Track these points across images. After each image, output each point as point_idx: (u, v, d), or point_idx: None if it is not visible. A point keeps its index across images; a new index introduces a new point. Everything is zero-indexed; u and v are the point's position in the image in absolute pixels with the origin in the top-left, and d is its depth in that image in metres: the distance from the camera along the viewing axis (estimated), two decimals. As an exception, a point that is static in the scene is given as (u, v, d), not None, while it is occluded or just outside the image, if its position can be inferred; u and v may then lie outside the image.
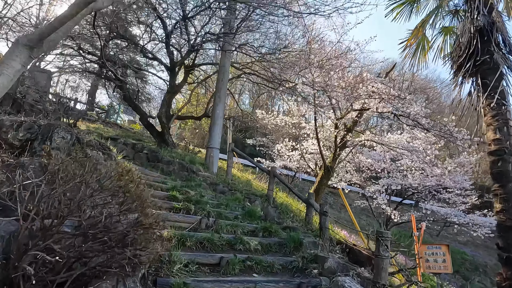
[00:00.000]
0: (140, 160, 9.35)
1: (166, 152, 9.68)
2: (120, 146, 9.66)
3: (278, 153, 19.76)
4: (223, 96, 10.70)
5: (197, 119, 12.06)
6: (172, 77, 10.47)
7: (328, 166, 13.55)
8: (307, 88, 14.15)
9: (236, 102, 13.89)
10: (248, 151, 36.42)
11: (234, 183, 8.74)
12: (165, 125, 10.15)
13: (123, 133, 11.07)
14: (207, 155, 10.07)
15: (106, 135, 10.08)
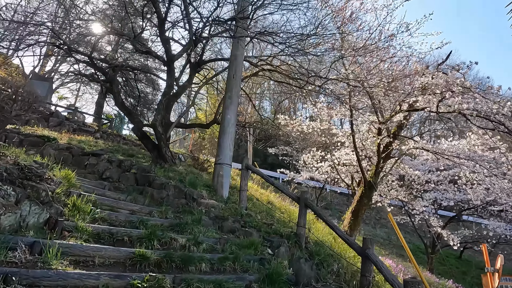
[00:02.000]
0: (127, 182, 7.08)
1: (162, 171, 7.37)
2: (103, 164, 7.44)
3: (305, 164, 17.20)
4: (235, 97, 8.33)
5: (205, 127, 9.76)
6: (169, 74, 8.22)
7: (369, 181, 10.84)
8: (340, 85, 11.63)
9: (253, 105, 11.51)
10: (270, 161, 33.93)
11: (249, 214, 6.28)
12: (162, 135, 7.88)
13: (114, 147, 8.92)
14: (214, 173, 7.68)
15: (89, 150, 7.91)
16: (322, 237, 6.44)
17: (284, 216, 8.15)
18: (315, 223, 8.53)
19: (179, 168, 8.06)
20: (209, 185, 7.50)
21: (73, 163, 7.78)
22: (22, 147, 8.04)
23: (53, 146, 8.09)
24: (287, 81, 10.96)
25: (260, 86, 18.52)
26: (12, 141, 8.07)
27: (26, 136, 8.27)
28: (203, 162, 10.36)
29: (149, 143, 8.32)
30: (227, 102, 8.24)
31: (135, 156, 8.43)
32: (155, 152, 8.27)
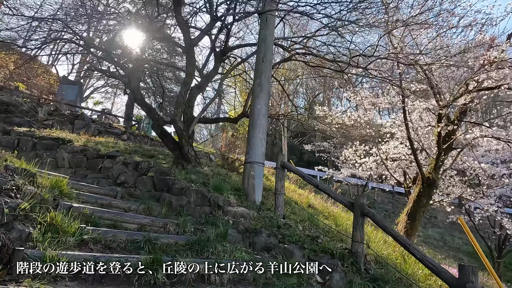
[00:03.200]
0: (144, 187, 6.07)
1: (183, 174, 6.30)
2: (118, 167, 6.50)
3: (346, 160, 15.61)
4: (265, 84, 7.07)
5: (233, 122, 8.60)
6: (189, 61, 7.14)
7: (428, 177, 9.15)
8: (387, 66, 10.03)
9: (287, 95, 10.14)
10: (306, 159, 32.24)
11: (288, 225, 5.00)
12: (183, 132, 6.82)
13: (133, 148, 8.02)
14: (244, 174, 6.48)
15: (104, 152, 7.03)
16: (386, 253, 5.02)
17: (330, 223, 6.79)
18: (373, 231, 7.13)
19: (204, 169, 6.95)
20: (239, 188, 6.31)
21: (87, 167, 6.94)
22: (35, 150, 7.35)
23: (67, 148, 7.32)
24: (324, 65, 9.53)
25: (293, 73, 17.08)
26: (25, 144, 7.40)
27: (40, 139, 7.57)
28: (233, 161, 9.21)
29: (170, 142, 7.30)
30: (257, 90, 7.00)
31: (155, 157, 7.45)
32: (176, 151, 7.23)
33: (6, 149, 7.23)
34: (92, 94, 29.19)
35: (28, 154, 7.19)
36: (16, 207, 2.66)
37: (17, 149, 7.34)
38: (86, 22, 9.90)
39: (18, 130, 7.80)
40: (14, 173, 3.21)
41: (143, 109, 8.20)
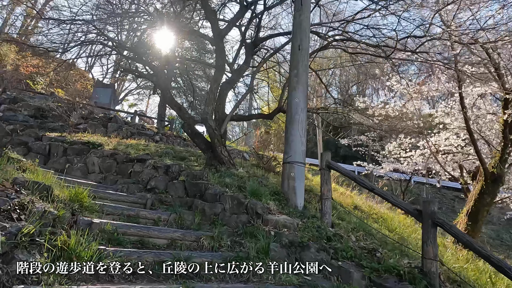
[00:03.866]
0: (175, 193, 5.60)
1: (216, 177, 5.75)
2: (148, 171, 6.09)
3: (389, 154, 14.49)
4: (303, 74, 6.35)
5: (267, 118, 7.95)
6: (218, 53, 6.58)
7: (492, 172, 8.01)
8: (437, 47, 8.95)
9: (324, 86, 9.26)
10: (342, 153, 30.89)
11: (338, 235, 4.28)
12: (215, 131, 6.28)
13: (165, 150, 7.61)
14: (284, 176, 5.82)
15: (134, 156, 6.66)
16: (458, 267, 4.17)
17: (381, 228, 5.98)
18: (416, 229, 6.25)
19: (239, 171, 6.37)
20: (278, 192, 5.66)
21: (117, 171, 6.61)
22: (66, 156, 7.15)
23: (97, 153, 7.04)
24: (365, 51, 8.62)
25: (329, 63, 16.13)
26: (56, 150, 7.22)
27: (71, 144, 7.37)
28: (269, 160, 8.58)
29: (201, 142, 6.79)
30: (293, 82, 6.30)
31: (187, 159, 6.98)
32: (208, 152, 6.72)
33: (38, 155, 7.09)
34: (126, 96, 29.80)
35: (59, 160, 6.99)
36: (18, 232, 2.19)
37: (48, 155, 7.18)
38: (115, 23, 9.67)
39: (49, 136, 7.67)
40: (22, 188, 2.78)
41: (173, 109, 7.77)
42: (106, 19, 9.42)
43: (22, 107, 10.95)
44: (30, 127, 9.62)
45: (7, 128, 9.30)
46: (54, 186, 3.41)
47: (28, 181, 2.91)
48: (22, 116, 10.32)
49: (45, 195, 2.97)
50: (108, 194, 4.71)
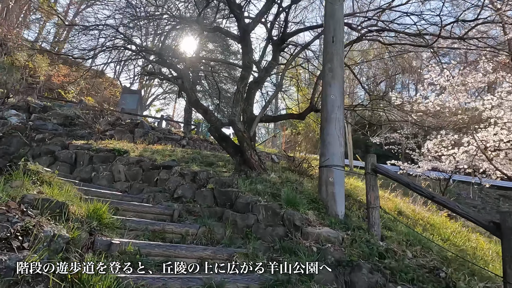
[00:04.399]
0: (203, 202, 5.19)
1: (247, 184, 5.30)
2: (174, 179, 5.73)
3: (429, 152, 13.51)
4: (338, 69, 5.77)
5: (298, 118, 7.40)
6: (245, 50, 6.14)
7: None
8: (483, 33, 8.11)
9: (358, 81, 8.56)
10: (372, 152, 29.72)
11: (391, 251, 3.68)
12: (243, 134, 5.82)
13: (192, 155, 7.26)
14: (321, 181, 5.26)
15: (160, 162, 6.34)
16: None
17: (433, 237, 5.27)
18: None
19: (271, 176, 5.87)
20: (315, 199, 5.11)
21: (143, 179, 6.30)
22: (92, 164, 6.95)
23: (123, 160, 6.79)
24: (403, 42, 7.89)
25: (361, 56, 15.30)
26: (82, 158, 7.04)
27: (97, 151, 7.17)
28: (300, 163, 8.02)
29: (229, 146, 6.36)
30: (328, 77, 5.74)
31: (215, 164, 6.57)
32: (237, 157, 6.27)
33: (64, 164, 6.93)
34: (153, 101, 30.15)
35: (85, 168, 6.80)
36: (14, 266, 1.81)
37: (74, 163, 7.02)
38: (138, 26, 9.51)
39: (75, 144, 7.54)
40: (30, 207, 2.43)
41: (199, 112, 7.42)
42: (129, 23, 9.27)
43: (51, 115, 11.04)
44: (59, 135, 9.61)
45: (37, 137, 9.32)
46: (72, 201, 3.07)
47: (38, 199, 2.56)
48: (51, 124, 10.37)
49: (58, 214, 2.61)
50: (132, 206, 4.36)
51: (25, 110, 10.87)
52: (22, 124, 9.89)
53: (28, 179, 3.39)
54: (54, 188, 3.14)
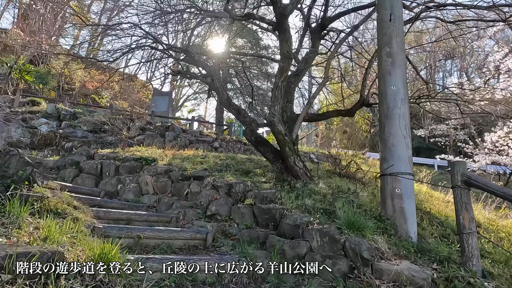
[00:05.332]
0: (241, 221, 4.36)
1: (292, 197, 4.40)
2: (207, 192, 4.95)
3: (493, 145, 11.94)
4: (399, 53, 4.70)
5: (347, 115, 6.35)
6: (282, 38, 5.23)
7: None
8: None
9: (415, 68, 7.26)
10: (414, 145, 27.44)
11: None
12: (285, 137, 4.91)
13: (226, 161, 6.46)
14: (384, 193, 4.23)
15: (190, 172, 5.61)
16: None
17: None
18: None
19: (320, 187, 4.92)
20: (378, 216, 4.10)
21: (172, 192, 5.60)
22: (118, 175, 6.35)
23: (151, 170, 6.13)
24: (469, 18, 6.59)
25: (417, 39, 13.82)
26: (107, 169, 6.47)
27: (123, 161, 6.58)
28: (348, 165, 6.96)
29: (268, 151, 5.48)
30: (386, 64, 4.68)
31: (252, 172, 5.71)
32: (278, 163, 5.38)
33: (89, 176, 6.39)
34: (185, 102, 29.99)
35: (110, 180, 6.21)
36: None
37: (100, 175, 6.46)
38: (163, 22, 8.87)
39: (101, 153, 7.01)
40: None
41: (231, 112, 6.60)
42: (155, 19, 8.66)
43: (82, 122, 10.76)
44: (88, 143, 9.23)
45: (66, 146, 8.99)
46: (74, 240, 2.33)
47: (13, 254, 1.81)
48: (81, 132, 10.06)
49: (46, 266, 1.85)
50: (157, 232, 3.61)
51: (55, 118, 10.66)
52: (52, 133, 9.63)
53: (27, 210, 2.71)
54: (50, 230, 2.39)
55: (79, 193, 5.43)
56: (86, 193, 5.53)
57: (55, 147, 9.06)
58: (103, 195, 5.71)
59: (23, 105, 12.10)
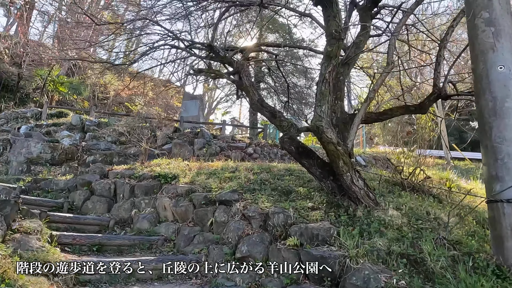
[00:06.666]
0: (286, 272, 3.08)
1: (356, 238, 3.05)
2: (235, 225, 3.74)
3: None
4: (504, 19, 3.21)
5: (418, 112, 4.78)
6: (329, 14, 3.89)
7: None
8: None
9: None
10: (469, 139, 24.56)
11: None
12: (337, 146, 3.58)
13: (259, 177, 5.23)
14: (501, 228, 2.77)
15: (215, 194, 4.45)
16: None
17: None
18: None
19: (391, 214, 3.52)
20: (496, 269, 2.65)
21: (194, 220, 4.47)
22: (133, 197, 5.34)
23: (170, 190, 5.05)
24: None
25: None
26: (122, 190, 5.48)
27: (139, 179, 5.57)
28: (411, 175, 5.41)
29: (314, 165, 4.16)
30: (483, 37, 3.24)
31: (293, 192, 4.41)
32: (328, 181, 4.05)
33: (101, 199, 5.44)
34: (218, 105, 29.25)
35: (124, 204, 5.21)
36: None
37: (114, 196, 5.49)
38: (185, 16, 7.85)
39: (116, 170, 6.08)
40: None
41: (264, 114, 5.38)
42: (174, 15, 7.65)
43: (106, 132, 10.06)
44: (110, 156, 8.44)
45: (88, 160, 8.25)
46: None
47: None
48: (104, 143, 9.33)
49: None
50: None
51: (79, 129, 10.04)
52: (74, 146, 8.97)
53: None
54: None
55: (81, 224, 4.47)
56: (90, 224, 4.56)
57: (76, 161, 8.37)
58: (112, 224, 4.71)
59: (51, 117, 11.72)
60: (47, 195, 5.71)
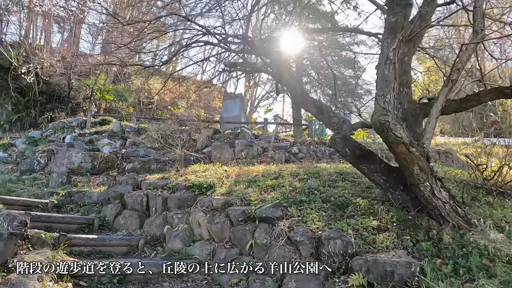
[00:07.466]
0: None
1: (448, 278, 2.14)
2: (279, 251, 2.97)
3: None
4: None
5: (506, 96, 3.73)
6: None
7: None
8: None
9: None
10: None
11: None
12: (410, 147, 2.69)
13: (308, 185, 4.42)
14: None
15: (254, 208, 3.73)
16: None
17: None
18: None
19: (491, 238, 2.55)
20: None
21: (231, 240, 3.79)
22: (166, 211, 4.81)
23: (205, 203, 4.43)
24: None
25: None
26: (154, 203, 4.98)
27: (172, 190, 5.03)
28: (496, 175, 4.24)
29: (376, 171, 3.26)
30: None
31: (350, 206, 3.53)
32: (397, 191, 3.14)
33: (133, 214, 4.97)
34: (260, 103, 28.61)
35: (156, 219, 4.69)
36: None
37: (147, 210, 5.01)
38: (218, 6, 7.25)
39: (149, 180, 5.61)
40: None
41: (309, 110, 4.59)
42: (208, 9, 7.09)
43: (146, 138, 9.82)
44: (148, 163, 8.11)
45: (127, 168, 7.99)
46: None
47: None
48: (143, 150, 9.06)
49: None
50: None
51: (120, 136, 9.91)
52: (114, 154, 8.79)
53: None
54: None
55: (107, 246, 3.99)
56: (118, 245, 4.07)
57: (116, 169, 8.17)
58: (142, 244, 4.19)
59: (95, 125, 11.84)
60: (80, 209, 5.39)
